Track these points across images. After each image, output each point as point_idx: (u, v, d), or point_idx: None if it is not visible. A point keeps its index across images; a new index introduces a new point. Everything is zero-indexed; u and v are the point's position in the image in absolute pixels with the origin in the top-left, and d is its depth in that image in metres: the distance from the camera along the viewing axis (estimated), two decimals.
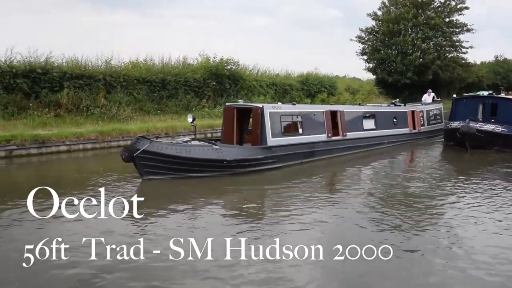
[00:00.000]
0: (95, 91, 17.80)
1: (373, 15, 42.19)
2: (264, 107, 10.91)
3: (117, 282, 4.59)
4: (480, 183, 9.88)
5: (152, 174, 9.46)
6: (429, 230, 6.46)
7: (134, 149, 9.11)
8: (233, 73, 22.82)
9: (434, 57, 39.03)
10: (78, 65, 18.49)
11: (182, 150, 9.53)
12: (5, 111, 15.21)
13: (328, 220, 6.92)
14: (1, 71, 15.74)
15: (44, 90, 16.62)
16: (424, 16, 40.33)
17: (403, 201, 8.19)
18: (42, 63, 17.21)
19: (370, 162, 13.05)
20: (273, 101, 24.16)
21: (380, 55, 40.53)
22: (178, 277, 4.71)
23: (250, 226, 6.58)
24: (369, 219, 7.00)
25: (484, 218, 6.98)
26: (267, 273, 4.75)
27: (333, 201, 8.21)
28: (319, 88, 28.95)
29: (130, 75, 19.35)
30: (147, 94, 19.45)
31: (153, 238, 5.87)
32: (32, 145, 13.16)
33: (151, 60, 21.99)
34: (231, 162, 9.94)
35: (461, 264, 5.15)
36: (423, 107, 18.59)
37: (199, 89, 21.51)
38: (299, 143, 11.75)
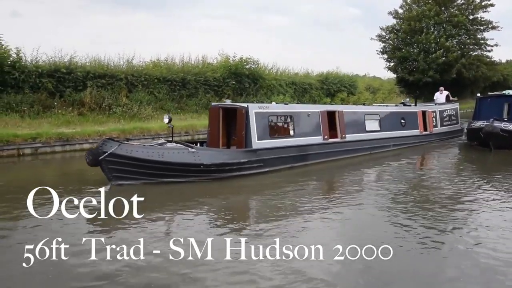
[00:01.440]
0: (117, 90, 18.11)
1: (394, 13, 41.79)
2: (249, 107, 10.15)
3: (118, 281, 4.63)
4: (504, 184, 9.63)
5: (121, 179, 8.74)
6: (451, 233, 6.36)
7: (100, 152, 8.45)
8: (252, 72, 22.84)
9: (458, 56, 38.33)
10: (100, 64, 18.83)
11: (154, 153, 8.82)
12: (31, 110, 15.60)
13: (318, 227, 6.62)
14: (27, 71, 16.11)
15: (68, 89, 16.99)
16: (447, 13, 39.69)
17: (418, 202, 8.08)
18: (66, 62, 17.59)
19: (375, 165, 12.26)
20: (292, 100, 24.17)
21: (401, 54, 40.01)
22: (179, 277, 4.73)
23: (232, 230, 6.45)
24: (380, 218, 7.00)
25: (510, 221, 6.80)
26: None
27: (324, 208, 7.64)
28: (339, 87, 28.75)
29: (151, 74, 19.58)
30: (167, 93, 19.68)
31: (154, 238, 5.90)
32: (56, 143, 13.55)
33: (171, 59, 22.22)
34: (209, 167, 9.19)
35: (484, 265, 5.10)
36: (436, 107, 17.34)
37: (219, 88, 21.61)
38: (289, 146, 10.91)
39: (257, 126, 10.12)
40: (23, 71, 16.02)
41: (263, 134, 10.28)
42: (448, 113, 17.65)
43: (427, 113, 16.23)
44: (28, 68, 16.27)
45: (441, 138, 16.90)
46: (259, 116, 10.26)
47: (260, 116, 10.29)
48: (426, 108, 16.53)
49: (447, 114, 17.55)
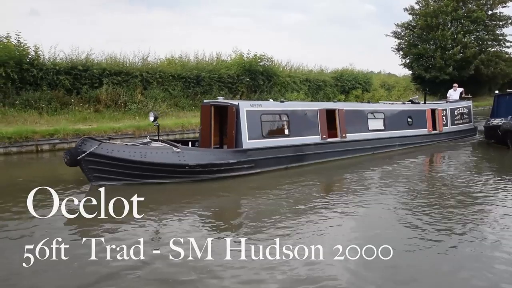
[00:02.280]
0: (132, 87, 18.35)
1: (410, 9, 41.25)
2: (240, 105, 9.69)
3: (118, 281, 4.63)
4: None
5: (102, 180, 8.37)
6: (467, 234, 6.25)
7: (79, 151, 8.09)
8: (266, 69, 22.84)
9: (476, 52, 37.67)
10: (116, 62, 19.08)
11: (136, 153, 8.37)
12: (49, 107, 15.91)
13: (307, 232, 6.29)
14: (45, 68, 16.41)
15: (85, 87, 17.28)
16: (465, 9, 38.98)
17: (431, 200, 8.00)
18: (83, 60, 17.85)
19: (379, 165, 11.51)
20: (306, 97, 24.11)
21: (417, 50, 39.50)
22: (180, 277, 4.73)
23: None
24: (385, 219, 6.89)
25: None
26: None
27: (318, 208, 7.38)
28: (353, 84, 28.61)
29: (166, 72, 19.74)
30: (182, 90, 19.84)
31: (154, 238, 5.98)
32: (73, 139, 13.72)
33: (186, 56, 22.37)
34: (194, 167, 8.72)
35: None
36: (446, 105, 16.31)
37: (233, 85, 21.69)
38: (284, 146, 10.36)
39: (249, 125, 9.68)
40: (41, 68, 16.33)
41: (255, 133, 9.81)
42: (460, 111, 16.71)
43: (437, 111, 15.45)
44: (46, 66, 16.57)
45: (452, 138, 16.05)
46: (251, 115, 9.78)
47: (251, 115, 9.80)
48: (435, 106, 15.76)
49: (459, 112, 16.62)
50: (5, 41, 16.03)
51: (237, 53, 22.97)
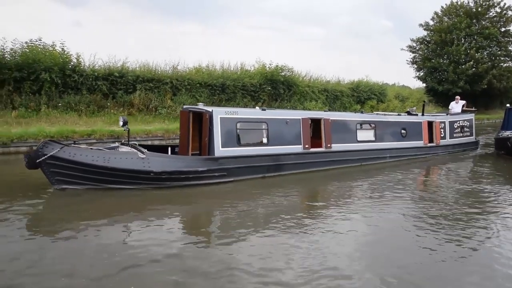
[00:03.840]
0: (162, 93, 18.63)
1: (425, 25, 40.83)
2: (214, 112, 8.87)
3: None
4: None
5: (65, 183, 7.83)
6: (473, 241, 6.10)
7: (40, 154, 7.53)
8: (287, 79, 22.88)
9: (488, 67, 36.97)
10: (149, 69, 19.38)
11: (99, 158, 7.72)
12: (87, 109, 16.33)
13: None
14: (85, 74, 16.87)
15: (120, 92, 17.65)
16: (479, 25, 38.33)
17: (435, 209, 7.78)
18: (119, 67, 18.28)
19: (365, 176, 10.42)
20: (324, 106, 24.05)
21: (431, 64, 38.98)
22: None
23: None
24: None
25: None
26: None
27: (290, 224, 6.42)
28: (369, 95, 28.42)
29: (194, 79, 19.92)
30: (208, 96, 19.95)
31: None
32: (108, 139, 14.10)
33: (212, 66, 22.52)
34: (160, 174, 8.00)
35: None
36: (445, 118, 14.84)
37: (255, 93, 21.76)
38: (261, 154, 9.49)
39: (222, 133, 8.91)
40: (81, 74, 16.80)
41: (229, 141, 9.02)
42: (461, 124, 15.30)
43: (434, 123, 14.04)
44: (86, 72, 17.02)
45: (450, 151, 14.63)
46: (225, 122, 9.00)
47: (226, 122, 9.01)
48: (433, 118, 14.30)
49: (459, 125, 15.21)
50: (51, 49, 16.56)
51: (260, 63, 23.10)
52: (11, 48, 15.93)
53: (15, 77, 15.35)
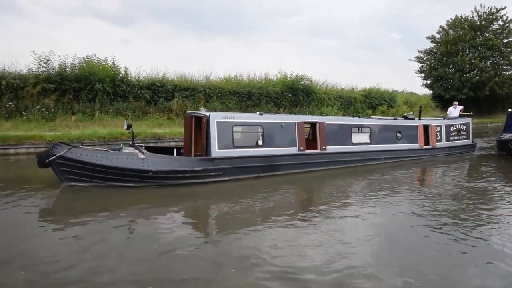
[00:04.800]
0: (197, 100, 18.84)
1: (432, 38, 39.91)
2: (211, 116, 8.69)
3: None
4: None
5: (73, 181, 7.85)
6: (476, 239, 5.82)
7: (50, 154, 7.60)
8: (306, 87, 22.81)
9: (491, 75, 35.87)
10: (185, 79, 19.69)
11: (103, 158, 7.69)
12: (133, 114, 16.82)
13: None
14: (132, 84, 17.36)
15: (161, 99, 18.02)
16: (482, 37, 37.23)
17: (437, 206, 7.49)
18: (160, 78, 18.64)
19: (361, 176, 9.96)
20: (339, 111, 23.94)
21: (437, 73, 38.12)
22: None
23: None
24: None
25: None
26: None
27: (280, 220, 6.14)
28: (380, 101, 28.00)
29: (224, 88, 20.07)
30: (236, 103, 20.08)
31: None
32: (151, 140, 14.56)
33: (240, 76, 22.62)
34: (158, 173, 7.87)
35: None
36: (441, 122, 14.29)
37: (278, 100, 21.77)
38: (256, 156, 9.20)
39: (219, 135, 8.69)
40: (129, 84, 17.27)
41: (225, 143, 8.77)
42: (457, 127, 14.78)
43: (430, 127, 13.56)
44: (132, 82, 17.48)
45: (446, 153, 14.05)
46: (222, 126, 8.79)
47: (222, 126, 8.80)
48: (429, 122, 13.79)
49: (455, 128, 14.68)
50: (104, 63, 17.06)
51: (282, 73, 23.07)
52: (71, 63, 16.52)
53: (74, 87, 15.94)
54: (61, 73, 15.83)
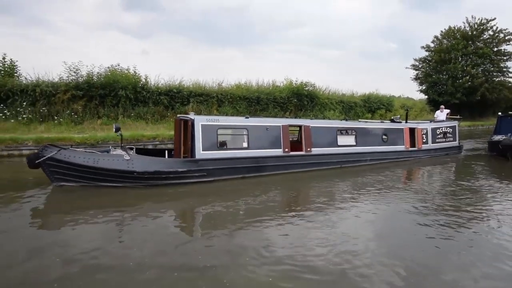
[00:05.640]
0: (210, 105, 18.81)
1: (427, 47, 39.35)
2: (195, 120, 8.28)
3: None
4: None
5: (62, 181, 7.57)
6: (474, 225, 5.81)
7: (40, 156, 7.33)
8: (310, 93, 22.65)
9: (483, 81, 35.21)
10: (199, 86, 19.65)
11: (89, 159, 7.39)
12: (152, 118, 16.82)
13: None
14: (151, 91, 17.40)
15: (177, 104, 18.00)
16: (474, 46, 36.58)
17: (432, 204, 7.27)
18: (177, 85, 18.62)
19: (346, 177, 9.48)
20: (340, 115, 23.68)
21: (432, 80, 37.58)
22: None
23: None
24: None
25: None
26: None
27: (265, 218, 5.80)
28: (378, 105, 27.65)
29: (235, 94, 20.00)
30: (246, 107, 20.03)
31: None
32: (168, 142, 14.54)
33: (249, 83, 22.54)
34: (142, 174, 7.54)
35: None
36: (427, 125, 13.57)
37: (284, 105, 21.65)
38: (241, 157, 8.74)
39: (203, 138, 8.26)
40: (148, 91, 17.30)
41: (209, 145, 8.33)
42: (443, 130, 14.05)
43: (416, 130, 12.87)
44: (152, 89, 17.51)
45: (432, 155, 13.35)
46: (206, 128, 8.36)
47: (207, 128, 8.37)
48: (415, 125, 13.11)
49: (441, 131, 13.97)
50: (126, 72, 17.19)
51: (287, 80, 22.95)
52: (98, 72, 16.65)
53: (100, 94, 16.05)
54: (88, 81, 15.97)
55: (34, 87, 15.04)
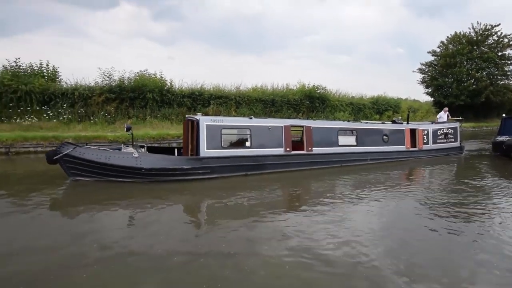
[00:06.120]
0: (228, 106, 19.09)
1: (433, 52, 38.89)
2: (200, 120, 8.27)
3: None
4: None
5: (78, 176, 7.74)
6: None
7: (58, 152, 7.55)
8: (321, 95, 22.71)
9: (487, 84, 34.64)
10: (219, 89, 19.95)
11: (102, 156, 7.55)
12: (177, 118, 17.22)
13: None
14: (175, 94, 17.81)
15: (199, 106, 18.36)
16: (479, 51, 36.01)
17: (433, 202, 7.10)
18: (199, 88, 19.01)
19: (344, 175, 9.20)
20: (350, 116, 23.74)
21: (437, 83, 37.11)
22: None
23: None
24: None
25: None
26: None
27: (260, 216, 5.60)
28: (386, 107, 27.50)
29: (251, 96, 20.18)
30: (262, 109, 20.18)
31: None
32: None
33: (265, 86, 22.66)
34: (149, 171, 7.62)
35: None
36: (428, 126, 13.16)
37: (297, 106, 21.73)
38: (243, 156, 8.66)
39: (208, 137, 8.22)
40: (173, 93, 17.74)
41: (213, 144, 8.28)
42: (444, 131, 13.57)
43: (417, 130, 12.52)
44: (176, 92, 17.94)
45: (433, 155, 12.96)
46: (211, 128, 8.32)
47: (211, 128, 8.33)
48: (416, 126, 12.72)
49: (442, 132, 13.48)
50: (153, 76, 17.65)
51: (300, 83, 22.98)
52: (128, 77, 17.21)
53: (130, 96, 16.58)
54: (120, 85, 16.54)
55: (73, 91, 15.72)
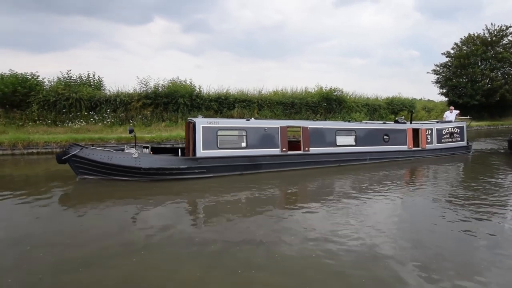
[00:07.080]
0: (252, 109, 18.97)
1: (447, 53, 36.64)
2: (197, 122, 8.01)
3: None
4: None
5: (85, 174, 7.70)
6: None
7: (66, 153, 7.53)
8: (338, 97, 22.11)
9: (502, 83, 32.14)
10: (243, 93, 19.86)
11: (105, 157, 7.47)
12: None
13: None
14: (204, 98, 17.91)
15: (225, 109, 18.36)
16: (493, 51, 33.48)
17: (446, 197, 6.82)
18: (224, 93, 19.00)
19: (343, 174, 8.66)
20: (366, 117, 22.83)
21: (452, 83, 34.90)
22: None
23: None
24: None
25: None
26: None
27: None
28: (401, 107, 26.24)
29: (273, 99, 20.03)
30: (282, 111, 19.96)
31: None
32: None
33: (285, 89, 22.49)
34: (148, 170, 7.48)
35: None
36: (432, 125, 12.03)
37: (315, 108, 21.33)
38: (238, 156, 8.29)
39: (204, 138, 7.94)
40: (201, 98, 17.83)
41: (209, 144, 7.98)
42: (450, 130, 12.41)
43: (420, 130, 11.56)
44: (204, 97, 18.03)
45: (437, 154, 11.91)
46: (207, 130, 8.03)
47: (207, 130, 8.03)
48: (419, 126, 11.71)
49: (447, 131, 12.35)
50: (184, 83, 17.86)
51: (318, 86, 22.57)
52: (162, 84, 17.52)
53: (164, 101, 16.86)
54: (155, 92, 16.85)
55: (115, 97, 16.21)
